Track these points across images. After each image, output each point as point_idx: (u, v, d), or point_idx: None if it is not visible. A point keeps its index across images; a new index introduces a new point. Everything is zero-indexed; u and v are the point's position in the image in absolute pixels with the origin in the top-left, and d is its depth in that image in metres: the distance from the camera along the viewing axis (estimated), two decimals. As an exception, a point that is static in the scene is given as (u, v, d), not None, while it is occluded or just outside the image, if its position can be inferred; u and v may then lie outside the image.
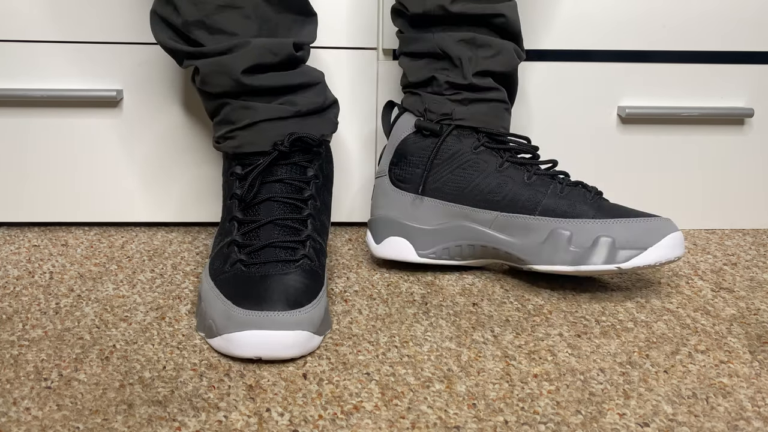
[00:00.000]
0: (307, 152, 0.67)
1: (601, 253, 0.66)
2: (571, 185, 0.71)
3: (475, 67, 0.71)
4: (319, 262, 0.64)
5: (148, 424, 0.51)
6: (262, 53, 0.64)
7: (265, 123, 0.66)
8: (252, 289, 0.59)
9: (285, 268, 0.61)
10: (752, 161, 0.87)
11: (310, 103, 0.67)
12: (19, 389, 0.54)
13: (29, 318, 0.65)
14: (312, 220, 0.66)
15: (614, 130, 0.85)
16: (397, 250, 0.74)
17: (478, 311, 0.68)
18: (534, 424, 0.52)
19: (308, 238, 0.64)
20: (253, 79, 0.65)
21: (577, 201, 0.69)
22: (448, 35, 0.70)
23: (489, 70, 0.71)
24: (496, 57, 0.71)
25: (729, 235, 0.88)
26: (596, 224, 0.67)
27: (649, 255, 0.66)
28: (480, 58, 0.71)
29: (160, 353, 0.60)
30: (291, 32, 0.67)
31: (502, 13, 0.70)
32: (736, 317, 0.68)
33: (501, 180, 0.70)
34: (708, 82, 0.84)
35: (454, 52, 0.71)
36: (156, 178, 0.83)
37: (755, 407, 0.54)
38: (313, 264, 0.63)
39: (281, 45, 0.65)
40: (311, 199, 0.66)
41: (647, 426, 0.52)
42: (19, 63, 0.78)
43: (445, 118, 0.72)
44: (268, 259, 0.62)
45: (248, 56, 0.64)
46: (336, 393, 0.55)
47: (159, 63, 0.79)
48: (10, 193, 0.83)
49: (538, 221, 0.69)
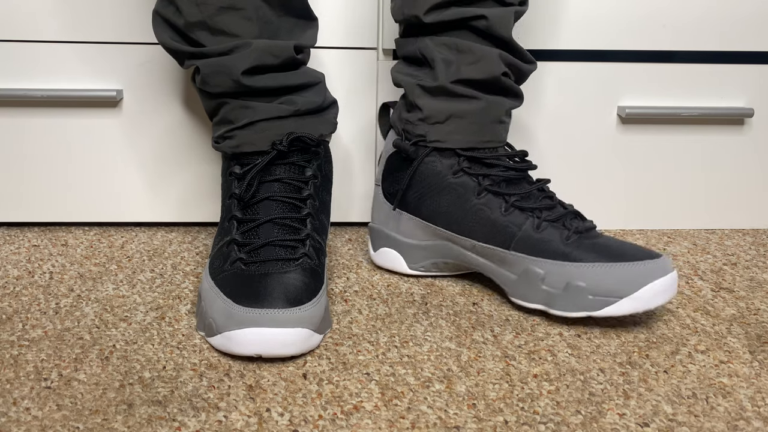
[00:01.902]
0: (306, 152, 0.67)
1: (572, 298, 0.63)
2: (551, 220, 0.66)
3: (456, 74, 0.67)
4: (319, 261, 0.65)
5: (148, 424, 0.51)
6: (263, 55, 0.64)
7: (263, 122, 0.66)
8: (252, 288, 0.59)
9: (285, 267, 0.61)
10: (752, 161, 0.87)
11: (308, 102, 0.67)
12: (19, 389, 0.54)
13: (29, 318, 0.65)
14: (311, 219, 0.66)
15: (614, 130, 0.85)
16: (390, 261, 0.74)
17: (477, 311, 0.68)
18: (534, 424, 0.52)
19: (308, 237, 0.64)
20: (253, 80, 0.65)
21: (554, 239, 0.65)
22: (429, 39, 0.68)
23: (469, 78, 0.67)
24: (476, 64, 0.67)
25: (729, 235, 0.88)
26: (571, 267, 0.63)
27: (623, 305, 0.62)
28: (462, 65, 0.67)
29: (160, 353, 0.60)
30: (292, 35, 0.67)
31: (482, 14, 0.66)
32: (736, 317, 0.68)
33: (477, 208, 0.68)
34: (708, 82, 0.84)
35: (432, 55, 0.68)
36: (156, 178, 0.83)
37: (755, 407, 0.54)
38: (312, 263, 0.63)
39: (282, 47, 0.65)
40: (310, 199, 0.66)
41: (647, 426, 0.52)
42: (19, 63, 0.78)
43: (420, 139, 0.69)
44: (268, 258, 0.62)
45: (249, 57, 0.64)
46: (336, 393, 0.55)
47: (159, 63, 0.79)
48: (10, 193, 0.83)
49: (513, 256, 0.66)
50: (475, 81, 0.67)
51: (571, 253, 0.64)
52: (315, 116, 0.68)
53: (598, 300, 0.62)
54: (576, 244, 0.64)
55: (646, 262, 0.62)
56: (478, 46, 0.67)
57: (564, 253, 0.64)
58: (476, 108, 0.68)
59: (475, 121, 0.68)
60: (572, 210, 0.67)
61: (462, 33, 0.67)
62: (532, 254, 0.65)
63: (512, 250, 0.66)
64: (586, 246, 0.64)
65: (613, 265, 0.62)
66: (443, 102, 0.68)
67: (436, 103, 0.68)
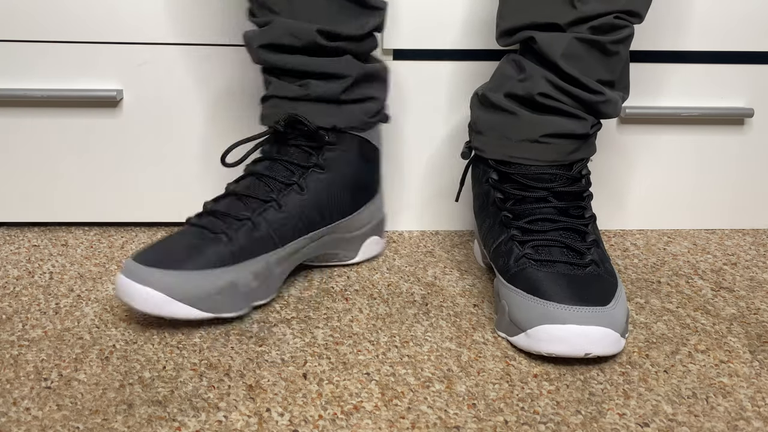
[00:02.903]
0: (311, 138, 0.68)
1: (502, 318, 0.63)
2: (524, 242, 0.64)
3: (506, 88, 0.67)
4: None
5: (148, 424, 0.51)
6: (281, 34, 0.65)
7: (275, 99, 0.68)
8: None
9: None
10: (752, 161, 0.87)
11: (323, 90, 0.67)
12: (19, 389, 0.54)
13: (29, 318, 0.65)
14: (273, 205, 0.67)
15: (614, 130, 0.85)
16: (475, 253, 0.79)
17: (478, 312, 0.68)
18: (534, 424, 0.52)
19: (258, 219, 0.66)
20: (271, 56, 0.67)
21: (511, 256, 0.64)
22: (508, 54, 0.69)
23: (514, 93, 0.66)
24: (523, 81, 0.65)
25: (729, 235, 0.88)
26: (504, 289, 0.63)
27: (521, 339, 0.60)
28: (515, 80, 0.66)
29: (159, 353, 0.60)
30: (331, 19, 0.66)
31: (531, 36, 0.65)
32: (736, 317, 0.68)
33: (490, 224, 0.69)
34: (708, 82, 0.84)
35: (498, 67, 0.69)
36: (156, 178, 0.83)
37: (755, 407, 0.54)
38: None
39: (303, 29, 0.65)
40: (294, 186, 0.68)
41: (647, 426, 0.52)
42: (19, 63, 0.78)
43: (469, 144, 0.71)
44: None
45: (266, 34, 0.66)
46: (336, 393, 0.55)
47: (159, 63, 0.79)
48: (10, 193, 0.83)
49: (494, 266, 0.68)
50: (518, 96, 0.66)
51: (514, 276, 0.63)
52: (332, 105, 0.68)
53: (512, 326, 0.61)
54: (520, 268, 0.62)
55: (567, 307, 0.58)
56: (532, 64, 0.65)
57: (511, 274, 0.63)
58: (511, 122, 0.66)
59: (505, 134, 0.67)
60: (571, 244, 0.63)
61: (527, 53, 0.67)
62: (497, 267, 0.66)
63: (491, 260, 0.68)
64: (527, 274, 0.61)
65: (528, 296, 0.60)
66: (484, 112, 0.69)
67: (481, 113, 0.69)
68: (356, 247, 0.75)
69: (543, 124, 0.65)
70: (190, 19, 0.78)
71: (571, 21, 0.63)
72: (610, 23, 0.63)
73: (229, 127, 0.82)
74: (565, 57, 0.63)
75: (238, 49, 0.79)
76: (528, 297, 0.60)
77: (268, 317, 0.66)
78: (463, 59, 0.81)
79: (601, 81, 0.65)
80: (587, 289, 0.59)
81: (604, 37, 0.63)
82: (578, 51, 0.63)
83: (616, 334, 0.57)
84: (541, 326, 0.57)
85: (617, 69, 0.66)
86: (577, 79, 0.64)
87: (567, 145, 0.65)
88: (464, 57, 0.81)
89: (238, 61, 0.79)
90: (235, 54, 0.79)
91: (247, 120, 0.82)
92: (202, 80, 0.80)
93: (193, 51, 0.79)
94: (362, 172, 0.72)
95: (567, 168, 0.66)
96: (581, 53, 0.63)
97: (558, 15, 0.63)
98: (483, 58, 0.81)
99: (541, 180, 0.65)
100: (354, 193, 0.72)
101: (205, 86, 0.80)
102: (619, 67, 0.66)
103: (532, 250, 0.63)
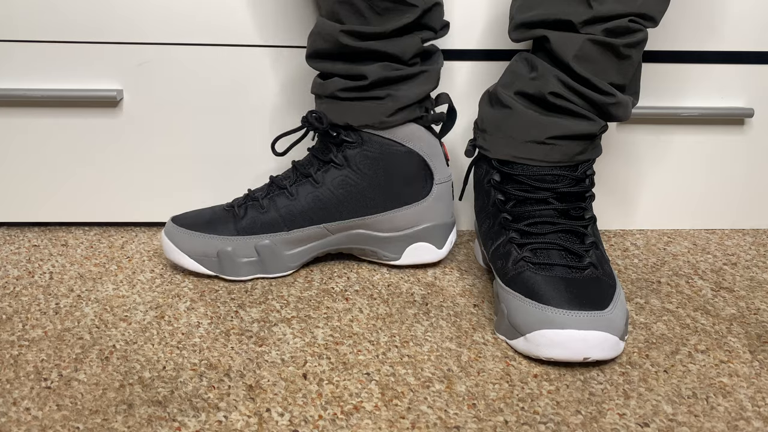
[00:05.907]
0: (328, 135, 0.71)
1: (501, 320, 0.63)
2: (522, 245, 0.64)
3: (516, 86, 0.67)
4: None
5: (148, 424, 0.51)
6: (316, 39, 0.69)
7: (316, 96, 0.72)
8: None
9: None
10: (752, 161, 0.87)
11: (341, 88, 0.68)
12: (19, 389, 0.54)
13: (29, 318, 0.65)
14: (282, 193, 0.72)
15: (614, 130, 0.85)
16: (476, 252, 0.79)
17: (478, 312, 0.68)
18: (534, 424, 0.52)
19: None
20: (313, 63, 0.71)
21: (509, 259, 0.64)
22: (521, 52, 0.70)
23: (523, 91, 0.66)
24: (534, 80, 0.65)
25: (729, 235, 0.88)
26: (504, 292, 0.63)
27: (519, 343, 0.60)
28: (526, 79, 0.66)
29: (159, 353, 0.60)
30: (376, 22, 0.66)
31: (544, 36, 0.65)
32: (736, 317, 0.68)
33: (489, 225, 0.69)
34: (708, 82, 0.84)
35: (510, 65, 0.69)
36: (156, 178, 0.83)
37: (755, 407, 0.54)
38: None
39: (327, 32, 0.67)
40: (309, 177, 0.71)
41: (647, 426, 0.52)
42: (19, 63, 0.78)
43: (473, 142, 0.71)
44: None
45: (309, 40, 0.70)
46: (336, 393, 0.55)
47: (159, 63, 0.79)
48: (10, 193, 0.83)
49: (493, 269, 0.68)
50: (528, 95, 0.66)
51: (512, 279, 0.63)
52: (356, 103, 0.69)
53: (511, 330, 0.61)
54: (518, 271, 0.63)
55: (565, 311, 0.57)
56: (544, 64, 0.65)
57: (509, 277, 0.63)
58: (518, 122, 0.66)
59: (511, 134, 0.66)
60: (570, 247, 0.63)
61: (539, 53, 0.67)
62: (496, 269, 0.66)
63: (490, 261, 0.68)
64: (526, 277, 0.62)
65: (526, 300, 0.60)
66: (492, 110, 0.69)
67: (488, 111, 0.69)
68: (398, 249, 0.74)
69: (550, 126, 0.65)
70: (190, 19, 0.78)
71: (586, 20, 0.63)
72: (624, 26, 0.62)
73: (230, 127, 0.82)
74: (577, 58, 0.63)
75: (238, 49, 0.79)
76: (526, 301, 0.59)
77: (269, 317, 0.66)
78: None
79: (613, 84, 0.65)
80: (585, 293, 0.59)
81: (618, 40, 0.63)
82: (591, 53, 0.63)
83: (614, 337, 0.57)
84: (539, 331, 0.57)
85: (629, 73, 0.65)
86: (589, 80, 0.63)
87: (573, 146, 0.65)
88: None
89: (238, 61, 0.79)
90: (235, 54, 0.79)
91: (248, 119, 0.82)
92: (202, 80, 0.80)
93: (193, 51, 0.79)
94: (394, 175, 0.71)
95: (572, 169, 0.66)
96: (594, 55, 0.63)
97: (573, 13, 0.63)
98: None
99: (545, 180, 0.65)
100: (384, 193, 0.71)
101: (205, 86, 0.80)
102: (630, 71, 0.65)
103: (531, 253, 0.63)
